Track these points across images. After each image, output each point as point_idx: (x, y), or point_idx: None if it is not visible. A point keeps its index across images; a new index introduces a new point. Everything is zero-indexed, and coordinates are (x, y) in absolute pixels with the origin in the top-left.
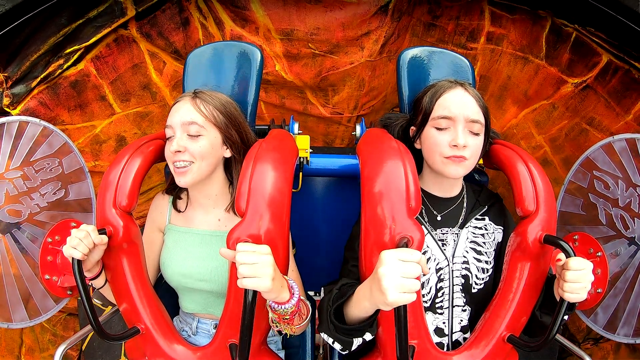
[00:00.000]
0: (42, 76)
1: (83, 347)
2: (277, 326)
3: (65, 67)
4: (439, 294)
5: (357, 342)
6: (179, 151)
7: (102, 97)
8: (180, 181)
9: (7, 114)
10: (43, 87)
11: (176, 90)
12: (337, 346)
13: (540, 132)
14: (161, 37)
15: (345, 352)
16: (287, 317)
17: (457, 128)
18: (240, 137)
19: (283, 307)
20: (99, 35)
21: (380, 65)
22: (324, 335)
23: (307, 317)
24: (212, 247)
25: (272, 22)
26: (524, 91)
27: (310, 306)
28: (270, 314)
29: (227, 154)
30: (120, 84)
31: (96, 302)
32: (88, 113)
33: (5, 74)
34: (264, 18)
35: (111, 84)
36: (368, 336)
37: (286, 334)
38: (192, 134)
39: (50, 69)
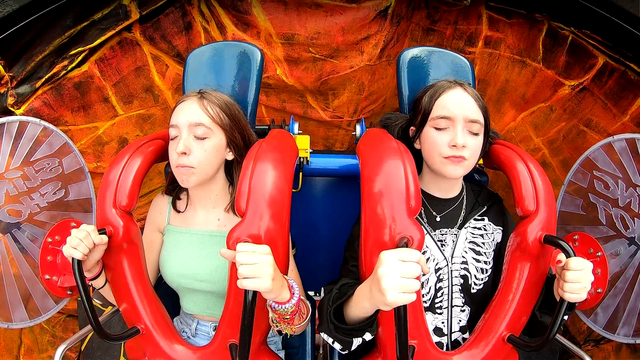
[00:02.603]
0: (46, 77)
1: (82, 348)
2: (277, 326)
3: (69, 68)
4: (438, 294)
5: (356, 342)
6: (184, 153)
7: (105, 99)
8: (183, 182)
9: (12, 113)
10: (47, 88)
11: (178, 94)
12: (337, 346)
13: (539, 135)
14: (164, 41)
15: (345, 352)
16: (288, 316)
17: (456, 128)
18: (243, 139)
19: (283, 306)
20: (103, 38)
21: (380, 70)
22: (323, 335)
23: (307, 317)
24: (212, 247)
25: (274, 27)
26: (522, 94)
27: (310, 306)
28: (271, 314)
29: (230, 156)
30: (124, 86)
31: (96, 302)
32: (91, 114)
33: (11, 74)
34: (265, 22)
35: (114, 86)
36: (368, 336)
37: (286, 333)
38: (199, 136)
39: (54, 70)
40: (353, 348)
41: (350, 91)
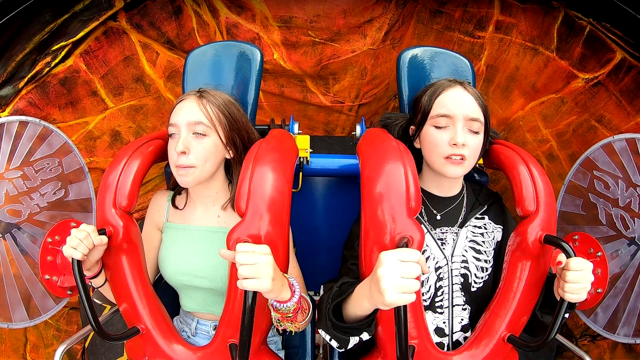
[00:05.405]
0: (29, 76)
1: (86, 345)
2: (281, 325)
3: (53, 64)
4: (439, 293)
5: (353, 340)
6: (184, 152)
7: (93, 93)
8: (182, 181)
9: None
10: (31, 87)
11: (171, 82)
12: (334, 344)
13: (547, 126)
14: (153, 28)
15: (342, 350)
16: (290, 315)
17: (456, 126)
18: (243, 138)
19: (285, 305)
20: (86, 30)
21: (383, 53)
22: (321, 332)
23: (309, 312)
24: (211, 244)
25: (270, 9)
26: (532, 83)
27: (311, 302)
28: (273, 314)
29: (229, 155)
30: (112, 77)
31: (96, 300)
32: (80, 110)
33: None
34: (260, 5)
35: (102, 79)
36: (365, 336)
37: (286, 333)
38: (198, 133)
39: (37, 68)
40: (349, 347)
41: (352, 76)
